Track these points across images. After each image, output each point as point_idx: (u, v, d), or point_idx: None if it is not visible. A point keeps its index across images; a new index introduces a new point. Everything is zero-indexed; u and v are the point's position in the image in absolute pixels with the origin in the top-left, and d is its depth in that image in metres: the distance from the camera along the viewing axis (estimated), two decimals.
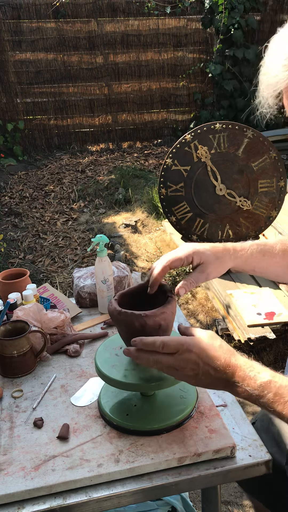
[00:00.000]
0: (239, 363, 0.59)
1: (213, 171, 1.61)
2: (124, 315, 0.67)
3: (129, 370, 0.78)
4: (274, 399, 0.55)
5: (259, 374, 0.58)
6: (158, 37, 4.73)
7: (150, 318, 0.66)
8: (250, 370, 0.58)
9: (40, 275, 2.76)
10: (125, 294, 0.75)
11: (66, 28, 4.56)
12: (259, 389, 0.56)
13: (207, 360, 0.60)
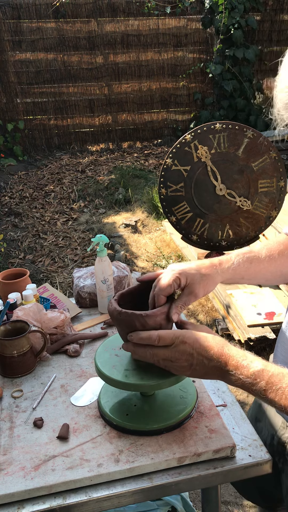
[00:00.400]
0: (231, 353, 0.62)
1: (213, 171, 1.60)
2: (125, 315, 0.66)
3: (129, 370, 0.78)
4: (267, 387, 0.57)
5: (252, 363, 0.60)
6: (158, 37, 4.73)
7: (151, 318, 0.65)
8: (243, 359, 0.61)
9: (40, 275, 2.76)
10: (125, 294, 0.75)
11: (66, 28, 4.56)
12: (252, 378, 0.59)
13: (200, 351, 0.63)
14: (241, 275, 0.72)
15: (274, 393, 0.57)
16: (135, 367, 0.78)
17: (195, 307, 2.37)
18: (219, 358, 0.62)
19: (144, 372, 0.77)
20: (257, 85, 4.79)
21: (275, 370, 0.59)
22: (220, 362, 0.62)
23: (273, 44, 4.86)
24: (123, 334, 0.71)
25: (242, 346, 1.98)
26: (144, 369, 0.77)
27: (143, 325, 0.65)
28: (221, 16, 4.21)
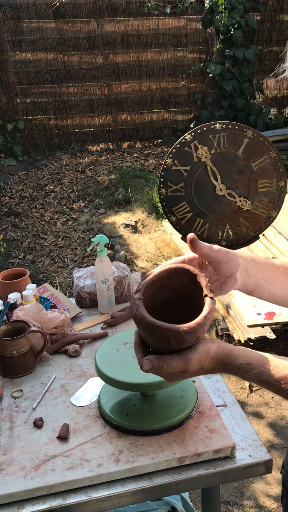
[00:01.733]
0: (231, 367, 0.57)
1: (213, 171, 1.60)
2: (158, 330, 0.52)
3: (129, 370, 0.78)
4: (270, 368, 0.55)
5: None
6: (158, 37, 4.73)
7: (190, 334, 0.52)
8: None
9: (40, 275, 2.76)
10: (149, 285, 0.58)
11: (66, 28, 4.56)
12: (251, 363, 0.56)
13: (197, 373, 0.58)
14: (263, 274, 0.66)
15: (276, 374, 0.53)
16: (135, 367, 0.78)
17: None
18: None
19: (144, 372, 0.77)
20: (257, 85, 4.79)
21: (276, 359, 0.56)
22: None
23: (273, 44, 4.85)
24: (152, 343, 0.56)
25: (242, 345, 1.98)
26: None
27: (179, 342, 0.53)
28: (221, 16, 4.21)
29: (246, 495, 1.44)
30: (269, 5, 4.64)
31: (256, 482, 1.48)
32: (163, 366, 0.53)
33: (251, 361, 0.54)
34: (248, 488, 1.46)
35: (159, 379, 0.76)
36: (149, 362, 0.53)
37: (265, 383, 0.54)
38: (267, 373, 0.53)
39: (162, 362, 0.53)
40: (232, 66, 4.46)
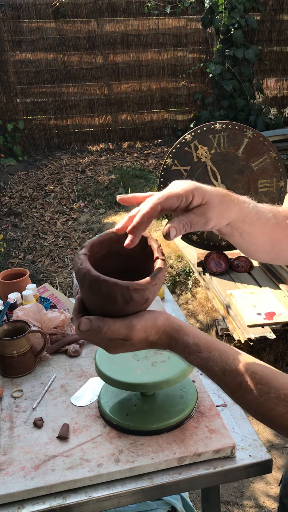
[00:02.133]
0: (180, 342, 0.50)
1: (213, 171, 1.61)
2: (104, 285, 0.46)
3: (129, 370, 0.78)
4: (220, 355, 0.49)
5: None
6: (158, 37, 4.73)
7: (139, 292, 0.47)
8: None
9: (40, 275, 2.76)
10: (95, 245, 0.53)
11: (66, 28, 4.56)
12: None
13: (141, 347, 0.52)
14: (245, 227, 0.54)
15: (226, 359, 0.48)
16: (135, 367, 0.78)
17: (195, 307, 2.37)
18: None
19: (144, 372, 0.77)
20: (257, 85, 4.79)
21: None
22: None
23: (273, 44, 4.85)
24: (94, 303, 0.49)
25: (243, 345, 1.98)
26: (144, 369, 0.77)
27: (126, 300, 0.47)
28: (221, 16, 4.21)
29: (246, 495, 1.44)
30: (269, 5, 4.64)
31: (256, 482, 1.48)
32: (103, 327, 0.46)
33: (200, 342, 0.49)
34: (248, 488, 1.46)
35: (159, 379, 0.76)
36: (87, 321, 0.47)
37: (209, 372, 0.49)
38: (214, 360, 0.48)
39: (103, 323, 0.46)
40: (232, 66, 4.46)
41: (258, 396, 0.46)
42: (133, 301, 0.47)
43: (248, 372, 0.47)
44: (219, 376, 0.48)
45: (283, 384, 0.46)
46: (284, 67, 4.97)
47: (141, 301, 0.48)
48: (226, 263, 2.24)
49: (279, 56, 4.93)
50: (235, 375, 0.47)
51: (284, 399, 0.45)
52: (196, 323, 2.25)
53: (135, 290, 0.47)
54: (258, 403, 0.46)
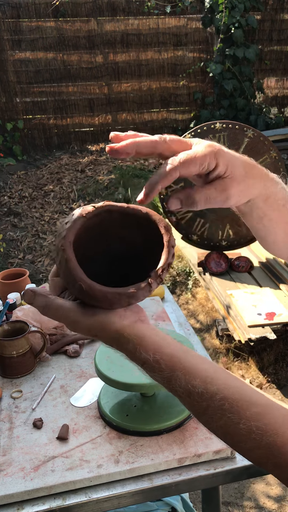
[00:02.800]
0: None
1: None
2: (63, 262, 0.39)
3: (129, 371, 0.77)
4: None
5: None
6: (158, 37, 4.72)
7: (86, 295, 0.40)
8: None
9: (40, 275, 2.76)
10: (113, 211, 0.43)
11: (66, 27, 4.55)
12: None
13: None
14: (268, 211, 0.44)
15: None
16: (135, 367, 0.77)
17: (195, 307, 2.37)
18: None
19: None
20: (258, 85, 4.78)
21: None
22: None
23: (274, 44, 4.84)
24: (71, 290, 0.41)
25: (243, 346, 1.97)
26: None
27: (82, 295, 0.40)
28: (221, 15, 4.20)
29: (246, 496, 1.43)
30: (269, 4, 4.63)
31: (256, 483, 1.48)
32: (44, 308, 0.42)
33: (161, 359, 0.42)
34: (249, 488, 1.46)
35: None
36: (32, 295, 0.42)
37: (172, 391, 0.43)
38: (177, 380, 0.41)
39: (46, 305, 0.41)
40: (232, 65, 4.45)
41: (225, 426, 0.39)
42: (81, 296, 0.39)
43: (216, 397, 0.40)
44: (183, 397, 0.42)
45: (256, 414, 0.38)
46: (284, 67, 4.97)
47: (90, 302, 0.40)
48: (226, 263, 2.24)
49: (279, 56, 4.92)
50: (201, 399, 0.40)
51: (256, 432, 0.38)
52: (196, 323, 2.25)
53: (81, 290, 0.38)
54: (225, 433, 0.40)
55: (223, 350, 2.04)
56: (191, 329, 1.09)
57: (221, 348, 2.05)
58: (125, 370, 0.77)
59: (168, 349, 0.42)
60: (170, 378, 0.42)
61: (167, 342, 0.43)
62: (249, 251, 2.43)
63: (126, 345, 0.42)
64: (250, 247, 2.42)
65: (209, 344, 2.09)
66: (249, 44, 4.45)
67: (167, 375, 0.42)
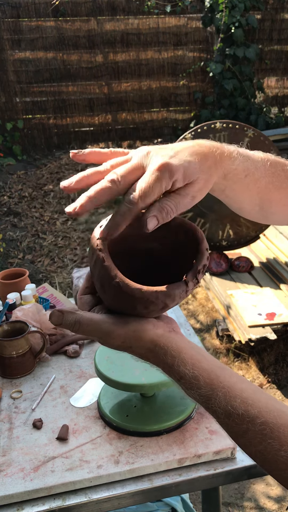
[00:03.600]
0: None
1: None
2: (98, 261, 0.39)
3: (129, 371, 0.77)
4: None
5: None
6: (158, 36, 4.72)
7: (123, 293, 0.39)
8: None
9: (40, 275, 2.75)
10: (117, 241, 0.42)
11: (66, 26, 4.55)
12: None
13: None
14: (228, 184, 0.44)
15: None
16: (135, 368, 0.77)
17: (195, 307, 2.37)
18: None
19: (144, 373, 0.76)
20: (258, 84, 4.78)
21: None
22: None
23: (274, 43, 4.84)
24: (105, 295, 0.41)
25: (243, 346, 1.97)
26: (144, 370, 0.77)
27: (120, 301, 0.39)
28: (222, 14, 4.20)
29: (246, 496, 1.43)
30: (269, 3, 4.62)
31: (256, 483, 1.48)
32: (74, 325, 0.40)
33: (200, 375, 0.40)
34: (249, 489, 1.46)
35: (158, 380, 0.75)
36: (59, 315, 0.40)
37: (210, 410, 0.40)
38: (216, 400, 0.39)
39: (76, 321, 0.40)
40: (232, 65, 4.45)
41: (265, 451, 0.37)
42: (116, 299, 0.39)
43: (257, 420, 0.38)
44: (221, 418, 0.39)
45: None
46: (285, 66, 4.96)
47: (125, 305, 0.39)
48: (226, 263, 2.24)
49: (279, 55, 4.92)
50: (241, 422, 0.38)
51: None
52: (196, 323, 2.25)
53: (119, 288, 0.38)
54: (264, 459, 0.38)
55: (223, 350, 2.04)
56: (191, 329, 1.09)
57: (221, 348, 2.05)
58: (125, 370, 0.77)
59: (206, 365, 0.41)
60: (210, 397, 0.39)
61: (204, 356, 0.41)
62: (249, 251, 2.43)
63: (164, 357, 0.40)
64: (250, 247, 2.42)
65: (209, 344, 2.09)
66: (249, 44, 4.45)
67: (205, 393, 0.39)
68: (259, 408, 0.39)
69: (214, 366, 0.41)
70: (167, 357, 0.40)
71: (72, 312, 0.40)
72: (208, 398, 0.39)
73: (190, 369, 0.40)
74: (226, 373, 0.41)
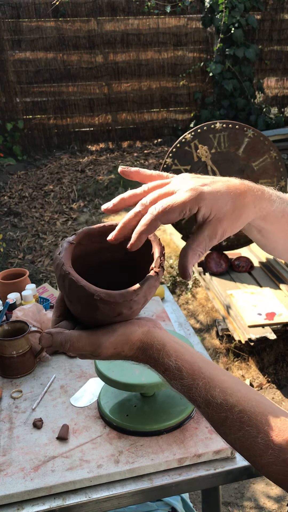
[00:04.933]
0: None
1: (214, 171, 1.61)
2: (73, 285, 0.41)
3: (129, 371, 0.77)
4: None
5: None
6: (158, 36, 4.72)
7: (107, 305, 0.41)
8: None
9: (40, 275, 2.75)
10: (89, 235, 0.46)
11: (66, 27, 4.55)
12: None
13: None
14: (265, 226, 0.45)
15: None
16: (135, 367, 0.77)
17: (195, 307, 2.37)
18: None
19: (144, 373, 0.77)
20: (258, 85, 4.78)
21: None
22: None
23: (274, 43, 4.85)
24: (65, 299, 0.43)
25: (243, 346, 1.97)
26: (144, 370, 0.77)
27: (92, 308, 0.41)
28: (221, 15, 4.20)
29: (246, 496, 1.43)
30: (269, 4, 4.63)
31: (256, 483, 1.48)
32: (65, 344, 0.41)
33: (183, 366, 0.42)
34: (249, 489, 1.46)
35: (157, 379, 0.76)
36: (49, 337, 0.41)
37: (191, 400, 0.42)
38: (197, 390, 0.41)
39: (66, 339, 0.41)
40: (232, 65, 4.45)
41: (243, 438, 0.39)
42: (100, 312, 0.41)
43: (235, 409, 0.40)
44: (202, 407, 0.41)
45: (274, 428, 0.38)
46: (284, 66, 4.97)
47: (111, 314, 0.41)
48: (226, 263, 2.24)
49: (279, 55, 4.92)
50: (220, 410, 0.40)
51: (273, 448, 0.37)
52: (196, 323, 2.25)
53: (102, 300, 0.40)
54: (242, 446, 0.39)
55: (223, 350, 2.04)
56: (191, 329, 1.09)
57: (221, 348, 2.05)
58: (125, 370, 0.77)
59: (189, 357, 0.43)
60: (191, 386, 0.41)
61: (186, 349, 0.43)
62: (249, 251, 2.43)
63: (150, 351, 0.42)
64: (250, 247, 2.42)
65: (209, 344, 2.09)
66: (249, 44, 4.45)
67: (187, 383, 0.41)
68: (238, 397, 0.40)
69: (197, 359, 0.43)
70: (153, 350, 0.42)
71: (61, 332, 0.42)
72: (190, 388, 0.41)
73: (174, 360, 0.42)
74: (209, 366, 0.43)
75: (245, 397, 0.40)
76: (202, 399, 0.41)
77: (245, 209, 0.43)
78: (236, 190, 0.42)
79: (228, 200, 0.42)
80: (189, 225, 1.96)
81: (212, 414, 0.41)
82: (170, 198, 0.41)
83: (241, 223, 0.43)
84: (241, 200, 0.42)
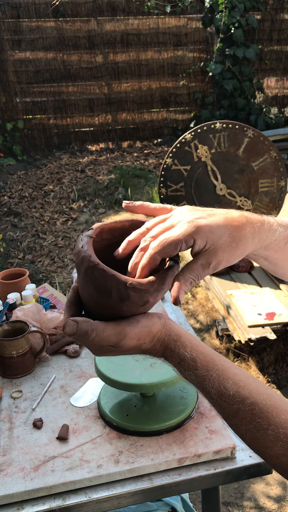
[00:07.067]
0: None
1: (213, 171, 1.61)
2: (101, 275, 0.41)
3: (129, 371, 0.77)
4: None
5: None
6: (158, 36, 4.72)
7: (138, 292, 0.41)
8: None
9: (40, 275, 2.76)
10: (105, 231, 0.47)
11: (66, 27, 4.55)
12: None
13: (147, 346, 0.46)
14: (270, 254, 0.47)
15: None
16: (135, 367, 0.77)
17: (195, 307, 2.37)
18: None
19: (144, 373, 0.77)
20: (258, 84, 4.78)
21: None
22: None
23: (274, 43, 4.85)
24: (88, 295, 0.43)
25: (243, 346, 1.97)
26: (144, 370, 0.77)
27: (122, 297, 0.41)
28: (221, 15, 4.20)
29: (246, 496, 1.43)
30: (269, 4, 4.63)
31: (256, 483, 1.48)
32: (91, 334, 0.41)
33: (197, 358, 0.43)
34: (249, 489, 1.46)
35: (157, 380, 0.76)
36: (74, 324, 0.41)
37: (204, 391, 0.43)
38: (210, 381, 0.42)
39: (92, 328, 0.41)
40: (232, 65, 4.45)
41: (255, 430, 0.40)
42: (129, 301, 0.41)
43: (247, 401, 0.41)
44: (214, 399, 0.42)
45: (284, 421, 0.39)
46: (284, 66, 4.97)
47: (139, 303, 0.42)
48: None
49: (279, 55, 4.92)
50: (232, 402, 0.41)
51: (283, 440, 0.38)
52: (196, 323, 2.25)
53: (134, 289, 0.40)
54: (253, 437, 0.40)
55: (223, 350, 2.04)
56: (191, 329, 1.09)
57: (221, 348, 2.05)
58: (125, 370, 0.77)
59: (202, 349, 0.44)
60: (205, 377, 0.43)
61: (200, 342, 0.46)
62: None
63: (168, 342, 0.44)
64: None
65: (209, 344, 2.09)
66: (249, 44, 4.45)
67: (201, 374, 0.43)
68: (250, 390, 0.42)
69: (210, 351, 0.45)
70: (170, 341, 0.44)
71: (87, 320, 0.42)
72: (203, 379, 0.43)
73: (189, 351, 0.44)
74: (221, 359, 0.45)
75: (257, 390, 0.42)
76: (215, 390, 0.42)
77: (242, 241, 0.44)
78: (233, 222, 0.44)
79: (224, 232, 0.43)
80: None
81: (224, 406, 0.42)
82: (167, 234, 0.43)
83: (238, 254, 0.44)
84: (239, 232, 0.43)
